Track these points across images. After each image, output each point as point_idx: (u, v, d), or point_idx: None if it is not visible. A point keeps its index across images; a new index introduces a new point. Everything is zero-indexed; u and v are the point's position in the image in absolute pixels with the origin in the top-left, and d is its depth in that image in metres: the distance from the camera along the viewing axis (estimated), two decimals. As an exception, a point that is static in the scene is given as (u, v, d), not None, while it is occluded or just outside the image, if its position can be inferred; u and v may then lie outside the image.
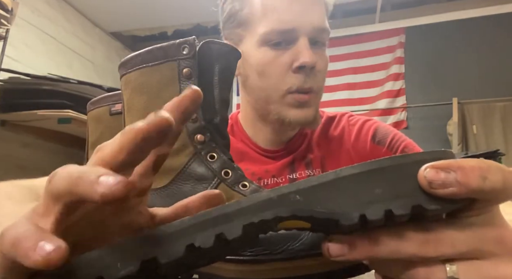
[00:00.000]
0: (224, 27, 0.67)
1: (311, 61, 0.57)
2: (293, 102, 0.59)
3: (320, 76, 0.61)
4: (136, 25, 2.93)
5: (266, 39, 0.59)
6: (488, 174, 0.19)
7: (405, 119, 2.76)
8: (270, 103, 0.61)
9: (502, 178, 0.19)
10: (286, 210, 0.20)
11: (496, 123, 2.48)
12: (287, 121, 0.60)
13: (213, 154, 0.32)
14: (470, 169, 0.19)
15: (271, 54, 0.59)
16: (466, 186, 0.19)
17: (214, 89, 0.34)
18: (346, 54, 2.96)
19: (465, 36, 2.71)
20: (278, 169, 0.65)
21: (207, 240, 0.19)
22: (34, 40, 2.25)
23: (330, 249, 0.21)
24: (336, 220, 0.19)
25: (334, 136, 0.68)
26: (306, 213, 0.20)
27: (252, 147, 0.68)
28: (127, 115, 0.34)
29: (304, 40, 0.58)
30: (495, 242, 0.21)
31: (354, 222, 0.19)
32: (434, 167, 0.19)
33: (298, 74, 0.58)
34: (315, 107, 0.62)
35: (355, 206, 0.19)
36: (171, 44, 0.33)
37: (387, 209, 0.19)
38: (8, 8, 1.46)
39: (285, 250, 0.26)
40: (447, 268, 0.21)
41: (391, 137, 0.66)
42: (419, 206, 0.19)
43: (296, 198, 0.20)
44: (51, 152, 1.88)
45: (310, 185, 0.20)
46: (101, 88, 1.52)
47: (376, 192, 0.19)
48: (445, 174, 0.19)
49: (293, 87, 0.59)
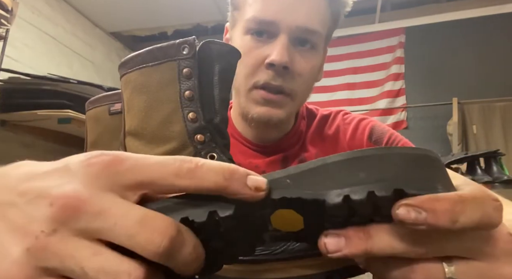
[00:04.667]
0: (228, 9, 0.65)
1: (280, 61, 0.54)
2: (258, 99, 0.57)
3: (300, 80, 0.57)
4: (136, 25, 2.93)
5: (249, 27, 0.57)
6: (461, 217, 0.19)
7: (405, 119, 2.76)
8: (240, 96, 0.60)
9: (479, 217, 0.20)
10: (277, 193, 0.21)
11: (496, 123, 2.48)
12: (250, 117, 0.58)
13: (213, 154, 0.32)
14: (441, 213, 0.19)
15: (251, 44, 0.57)
16: (435, 227, 0.19)
17: (214, 89, 0.34)
18: (346, 54, 2.96)
19: (465, 36, 2.71)
20: (268, 165, 0.64)
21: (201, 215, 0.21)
22: (34, 40, 2.25)
23: (327, 244, 0.22)
24: (323, 200, 0.20)
25: (328, 134, 0.67)
26: (295, 195, 0.21)
27: (242, 140, 0.66)
28: (127, 115, 0.34)
29: (283, 37, 0.55)
30: (489, 242, 0.21)
31: (339, 201, 0.20)
32: (407, 204, 0.20)
33: (268, 70, 0.56)
34: (286, 111, 0.58)
35: (340, 187, 0.20)
36: (171, 44, 0.33)
37: (370, 190, 0.20)
38: (8, 8, 1.46)
39: (285, 250, 0.26)
40: (445, 269, 0.21)
41: (388, 136, 0.65)
42: (400, 190, 0.20)
43: (286, 181, 0.22)
44: (51, 152, 1.88)
45: (300, 170, 0.22)
46: (101, 88, 1.52)
47: (360, 176, 0.20)
48: (416, 215, 0.19)
49: (259, 81, 0.56)
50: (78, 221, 0.19)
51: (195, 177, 0.20)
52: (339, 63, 2.95)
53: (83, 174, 0.20)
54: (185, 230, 0.20)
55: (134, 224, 0.19)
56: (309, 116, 0.70)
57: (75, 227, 0.19)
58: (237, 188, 0.20)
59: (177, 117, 0.32)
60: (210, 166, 0.21)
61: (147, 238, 0.19)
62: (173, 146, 0.32)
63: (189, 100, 0.32)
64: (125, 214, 0.19)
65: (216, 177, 0.20)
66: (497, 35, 2.64)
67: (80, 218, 0.19)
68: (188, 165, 0.21)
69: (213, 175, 0.20)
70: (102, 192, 0.20)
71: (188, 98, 0.32)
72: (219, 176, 0.20)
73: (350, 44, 2.96)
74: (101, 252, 0.19)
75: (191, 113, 0.32)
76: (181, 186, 0.20)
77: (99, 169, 0.20)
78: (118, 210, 0.19)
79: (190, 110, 0.32)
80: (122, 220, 0.19)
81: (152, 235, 0.19)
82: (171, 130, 0.32)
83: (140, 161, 0.21)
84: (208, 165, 0.21)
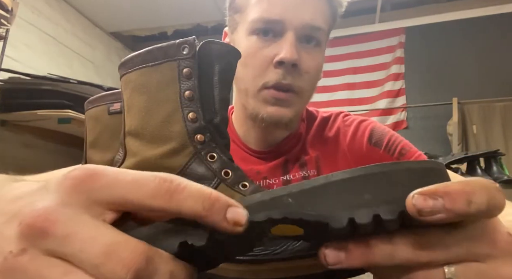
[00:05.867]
0: (227, 14, 0.66)
1: (290, 58, 0.54)
2: (269, 99, 0.57)
3: (307, 77, 0.58)
4: (136, 25, 2.93)
5: (254, 28, 0.57)
6: (473, 198, 0.20)
7: (405, 119, 2.76)
8: (249, 97, 0.59)
9: (487, 199, 0.20)
10: (278, 212, 0.20)
11: (496, 123, 2.48)
12: (260, 117, 0.58)
13: (213, 154, 0.32)
14: (456, 195, 0.19)
15: (257, 44, 0.57)
16: (453, 212, 0.19)
17: (214, 89, 0.34)
18: (346, 54, 2.96)
19: (465, 36, 2.71)
20: (270, 170, 0.63)
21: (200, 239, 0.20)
22: (34, 40, 2.25)
23: (327, 257, 0.21)
24: (326, 223, 0.20)
25: (329, 137, 0.66)
26: (297, 216, 0.20)
27: (242, 147, 0.66)
28: (127, 115, 0.34)
29: (290, 35, 0.56)
30: (489, 244, 0.21)
31: (343, 225, 0.19)
32: (422, 193, 0.19)
33: (278, 69, 0.56)
34: (295, 109, 0.59)
35: (345, 210, 0.20)
36: (171, 44, 0.33)
37: (376, 213, 0.19)
38: (8, 8, 1.46)
39: (285, 250, 0.26)
40: (445, 270, 0.21)
41: (388, 138, 0.64)
42: (406, 212, 0.19)
43: (288, 200, 0.20)
44: (51, 152, 1.88)
45: (302, 188, 0.21)
46: (101, 88, 1.52)
47: (365, 197, 0.20)
48: (433, 201, 0.19)
49: (270, 82, 0.56)
50: (46, 242, 0.18)
51: (172, 200, 0.19)
52: (339, 63, 2.95)
53: (58, 190, 0.20)
54: (160, 258, 0.19)
55: (99, 253, 0.18)
56: (309, 119, 0.70)
57: (44, 247, 0.18)
58: (215, 220, 0.19)
59: (177, 117, 0.32)
60: (190, 191, 0.19)
61: (111, 269, 0.17)
62: (173, 146, 0.32)
63: (189, 100, 0.32)
64: (92, 240, 0.18)
65: (195, 205, 0.19)
66: (497, 35, 2.64)
67: (48, 239, 0.18)
68: (168, 185, 0.19)
69: (192, 202, 0.19)
70: (73, 211, 0.19)
71: (188, 98, 0.32)
72: (198, 204, 0.19)
73: (350, 44, 2.96)
74: (71, 271, 0.18)
75: (191, 113, 0.32)
76: (156, 208, 0.19)
77: (74, 185, 0.19)
78: (85, 234, 0.18)
79: (190, 110, 0.32)
80: (87, 247, 0.18)
81: (117, 267, 0.17)
82: (171, 130, 0.32)
83: (118, 177, 0.20)
84: (188, 189, 0.19)
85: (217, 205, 0.19)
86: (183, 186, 0.19)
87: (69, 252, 0.18)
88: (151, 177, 0.20)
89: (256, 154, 0.66)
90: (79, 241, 0.18)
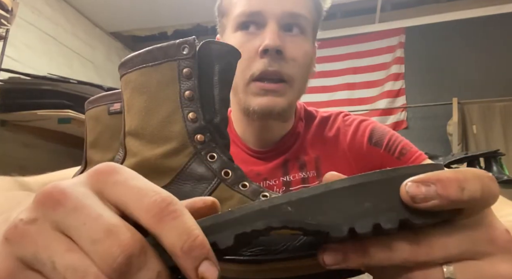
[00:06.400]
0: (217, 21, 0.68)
1: (274, 44, 0.55)
2: (257, 91, 0.57)
3: (294, 64, 0.58)
4: (136, 25, 2.93)
5: (237, 23, 0.59)
6: (466, 184, 0.20)
7: (405, 119, 2.76)
8: (239, 93, 0.60)
9: (480, 186, 0.20)
10: (277, 221, 0.20)
11: (496, 123, 2.48)
12: (251, 110, 0.58)
13: (213, 154, 0.32)
14: (448, 181, 0.20)
15: (242, 39, 0.59)
16: (446, 198, 0.19)
17: (214, 89, 0.34)
18: (346, 54, 2.96)
19: (465, 36, 2.71)
20: (270, 171, 0.63)
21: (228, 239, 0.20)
22: (34, 40, 2.25)
23: (325, 258, 0.22)
24: (326, 232, 0.20)
25: (329, 137, 0.66)
26: (297, 225, 0.20)
27: (242, 147, 0.66)
28: (127, 115, 0.34)
29: (272, 24, 0.57)
30: (487, 242, 0.21)
31: (344, 234, 0.20)
32: (414, 181, 0.20)
33: (263, 59, 0.56)
34: (287, 99, 0.59)
35: (345, 219, 0.20)
36: (171, 44, 0.33)
37: (376, 222, 0.19)
38: (8, 8, 1.46)
39: (285, 250, 0.26)
40: (444, 269, 0.21)
41: (388, 138, 0.64)
42: (406, 220, 0.20)
43: (287, 209, 0.20)
44: (51, 152, 1.88)
45: (301, 197, 0.20)
46: (101, 88, 1.52)
47: (365, 205, 0.20)
48: (426, 188, 0.19)
49: (256, 72, 0.57)
50: (56, 213, 0.19)
51: (158, 223, 0.18)
52: (339, 63, 2.95)
53: (82, 176, 0.21)
54: (153, 256, 0.19)
55: (100, 230, 0.18)
56: (308, 118, 0.70)
57: (53, 219, 0.19)
58: (186, 266, 0.18)
59: (177, 117, 0.32)
60: (179, 224, 0.18)
61: (107, 248, 0.17)
62: (173, 146, 0.32)
63: (189, 100, 0.32)
64: (97, 216, 0.18)
65: (176, 241, 0.18)
66: (497, 35, 2.64)
67: (58, 210, 0.19)
68: (163, 207, 0.19)
69: (175, 236, 0.18)
70: (88, 191, 0.20)
71: (188, 98, 0.32)
72: (179, 241, 0.18)
73: (350, 44, 2.96)
74: (74, 249, 0.18)
75: (191, 113, 0.32)
76: (142, 223, 0.19)
77: (94, 173, 0.21)
78: (92, 211, 0.19)
79: (190, 110, 0.32)
80: (91, 221, 0.18)
81: (113, 246, 0.17)
82: (171, 130, 0.32)
83: (127, 181, 0.20)
84: (179, 221, 0.18)
85: (196, 253, 0.18)
86: (176, 214, 0.19)
87: (73, 224, 0.18)
88: (152, 192, 0.19)
89: (256, 154, 0.66)
90: (85, 215, 0.18)
